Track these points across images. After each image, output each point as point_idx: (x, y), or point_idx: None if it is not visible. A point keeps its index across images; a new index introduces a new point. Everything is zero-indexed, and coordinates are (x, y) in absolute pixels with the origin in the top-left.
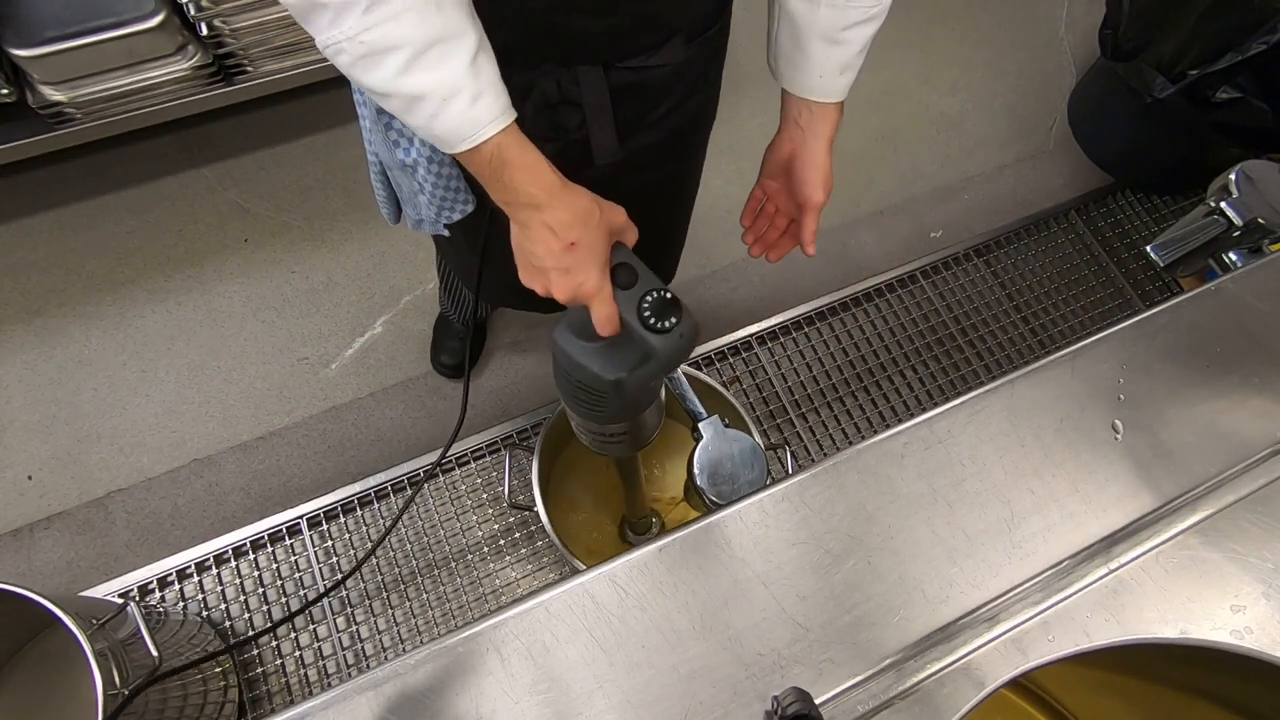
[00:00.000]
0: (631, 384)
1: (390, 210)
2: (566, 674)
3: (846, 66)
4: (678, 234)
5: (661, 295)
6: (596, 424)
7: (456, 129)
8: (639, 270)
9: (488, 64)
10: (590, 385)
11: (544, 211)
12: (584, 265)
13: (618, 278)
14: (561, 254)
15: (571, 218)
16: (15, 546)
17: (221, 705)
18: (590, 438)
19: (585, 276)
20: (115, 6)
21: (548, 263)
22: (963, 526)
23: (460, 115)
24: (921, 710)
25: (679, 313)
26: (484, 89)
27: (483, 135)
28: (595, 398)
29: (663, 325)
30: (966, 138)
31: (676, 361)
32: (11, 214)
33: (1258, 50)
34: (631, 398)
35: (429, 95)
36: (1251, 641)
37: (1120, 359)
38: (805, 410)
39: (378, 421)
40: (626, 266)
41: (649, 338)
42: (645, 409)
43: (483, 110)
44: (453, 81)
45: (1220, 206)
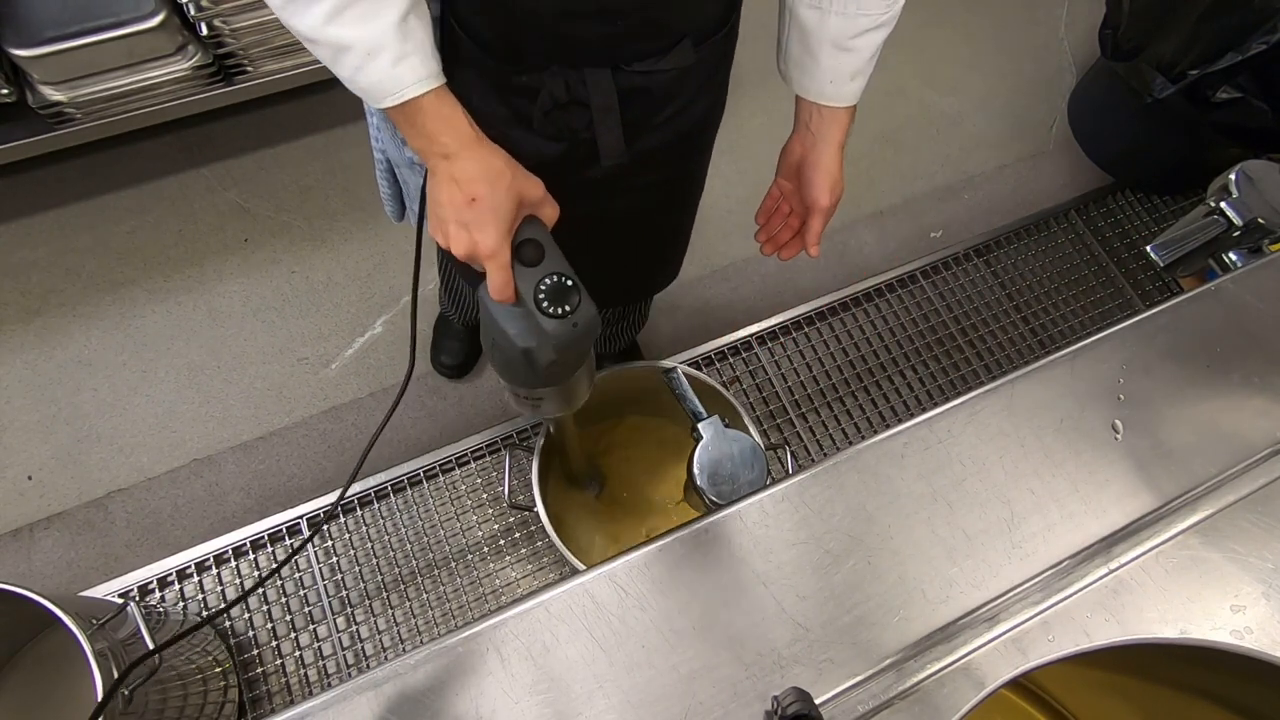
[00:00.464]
0: (540, 354)
1: (394, 208)
2: (566, 674)
3: (857, 72)
4: (681, 234)
5: (561, 280)
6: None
7: (379, 84)
8: (548, 250)
9: (419, 27)
10: (503, 347)
11: (452, 162)
12: (482, 224)
13: (522, 253)
14: (462, 207)
15: (478, 173)
16: (15, 546)
17: (221, 705)
18: (517, 400)
19: (482, 236)
20: (115, 6)
21: (448, 214)
22: (963, 526)
23: (383, 73)
24: (921, 710)
25: (576, 301)
26: (410, 51)
27: (405, 95)
28: (508, 360)
29: (556, 311)
30: (966, 138)
31: (571, 349)
32: (11, 214)
33: (1258, 50)
34: (543, 367)
35: (353, 48)
36: (1251, 641)
37: (1120, 359)
38: (805, 410)
39: (377, 421)
40: (534, 243)
41: (541, 320)
42: (567, 377)
43: (406, 71)
44: (378, 38)
45: (1220, 206)
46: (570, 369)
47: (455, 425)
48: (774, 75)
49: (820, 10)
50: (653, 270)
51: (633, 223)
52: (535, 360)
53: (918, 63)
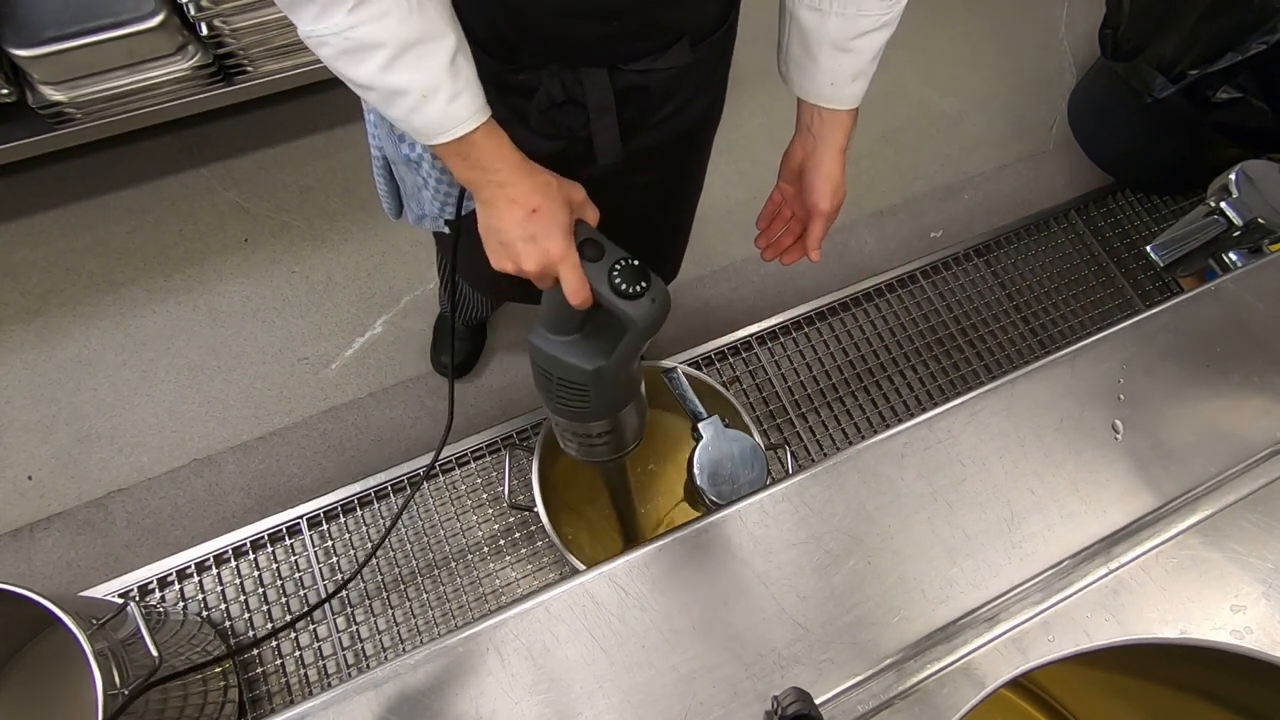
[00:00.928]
0: (611, 369)
1: (392, 205)
2: (566, 674)
3: (858, 74)
4: (680, 233)
5: (630, 262)
6: (580, 423)
7: (435, 123)
8: (604, 244)
9: (466, 65)
10: (570, 379)
11: (507, 187)
12: (548, 232)
13: (585, 251)
14: (525, 221)
15: (532, 187)
16: (15, 546)
17: (221, 705)
18: (576, 442)
19: (550, 243)
20: (115, 6)
21: (514, 233)
22: (963, 526)
23: (439, 112)
24: (921, 710)
25: (649, 278)
26: (461, 89)
27: (459, 131)
28: (577, 392)
29: (634, 290)
30: (966, 138)
31: (653, 327)
32: (11, 214)
33: (1258, 50)
34: (612, 385)
35: (409, 91)
36: (1251, 641)
37: (1120, 359)
38: (805, 410)
39: (378, 421)
40: (592, 241)
41: (622, 305)
42: (627, 404)
43: (460, 108)
44: (432, 81)
45: (1220, 206)
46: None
47: (455, 425)
48: (774, 75)
49: (820, 11)
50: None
51: (631, 221)
52: (605, 377)
53: (918, 63)
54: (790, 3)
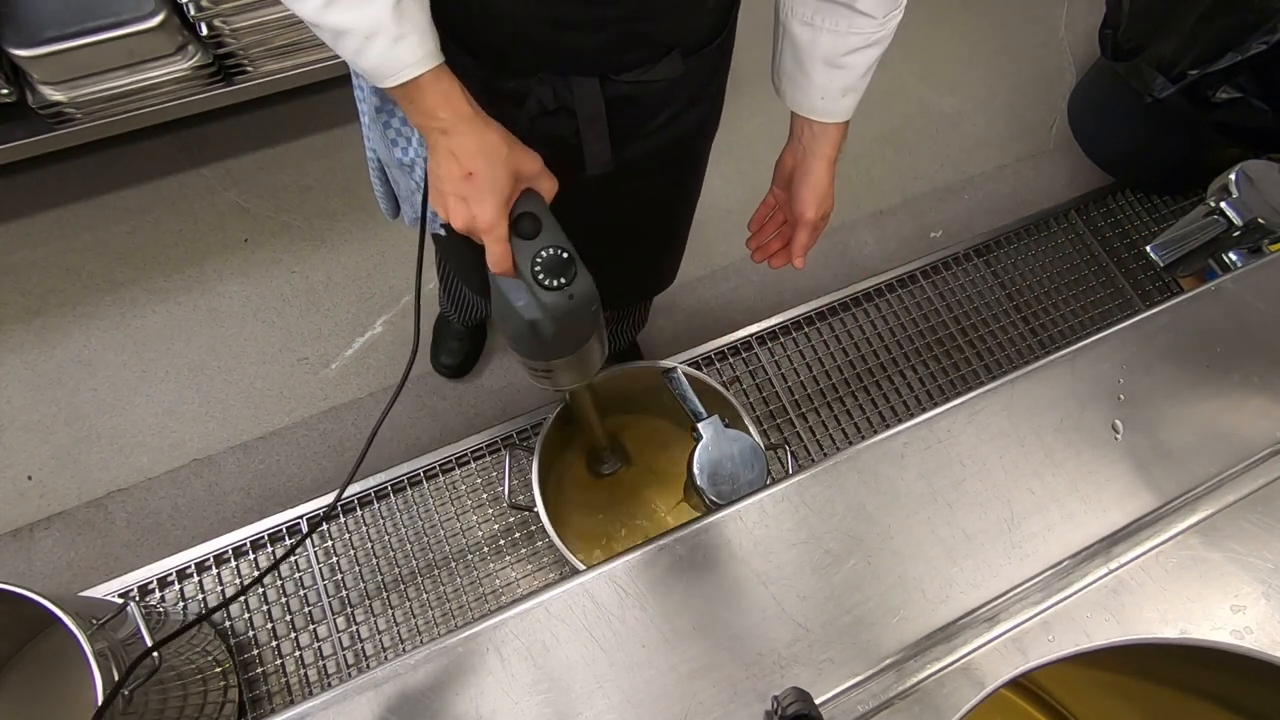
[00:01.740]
0: (544, 327)
1: (389, 206)
2: (566, 674)
3: (849, 89)
4: (676, 240)
5: (557, 253)
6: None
7: (379, 66)
8: (545, 223)
9: (415, 8)
10: (511, 321)
11: (451, 137)
12: (480, 197)
13: (520, 226)
14: (460, 181)
15: (475, 148)
16: (15, 546)
17: (221, 705)
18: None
19: (479, 210)
20: (115, 6)
21: (446, 187)
22: (963, 526)
23: (381, 54)
24: (921, 710)
25: (572, 274)
26: (407, 32)
27: (404, 75)
28: (517, 333)
29: (552, 283)
30: (966, 138)
31: (567, 321)
32: (11, 214)
33: (1258, 50)
34: (551, 339)
35: (352, 31)
36: (1251, 641)
37: (1120, 359)
38: (805, 410)
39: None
40: (531, 216)
41: (539, 293)
42: (577, 348)
43: (404, 52)
44: (374, 21)
45: (1220, 206)
46: (578, 340)
47: (455, 425)
48: None
49: (813, 28)
50: (646, 276)
51: (624, 229)
52: (541, 332)
53: (918, 63)
54: (784, 17)
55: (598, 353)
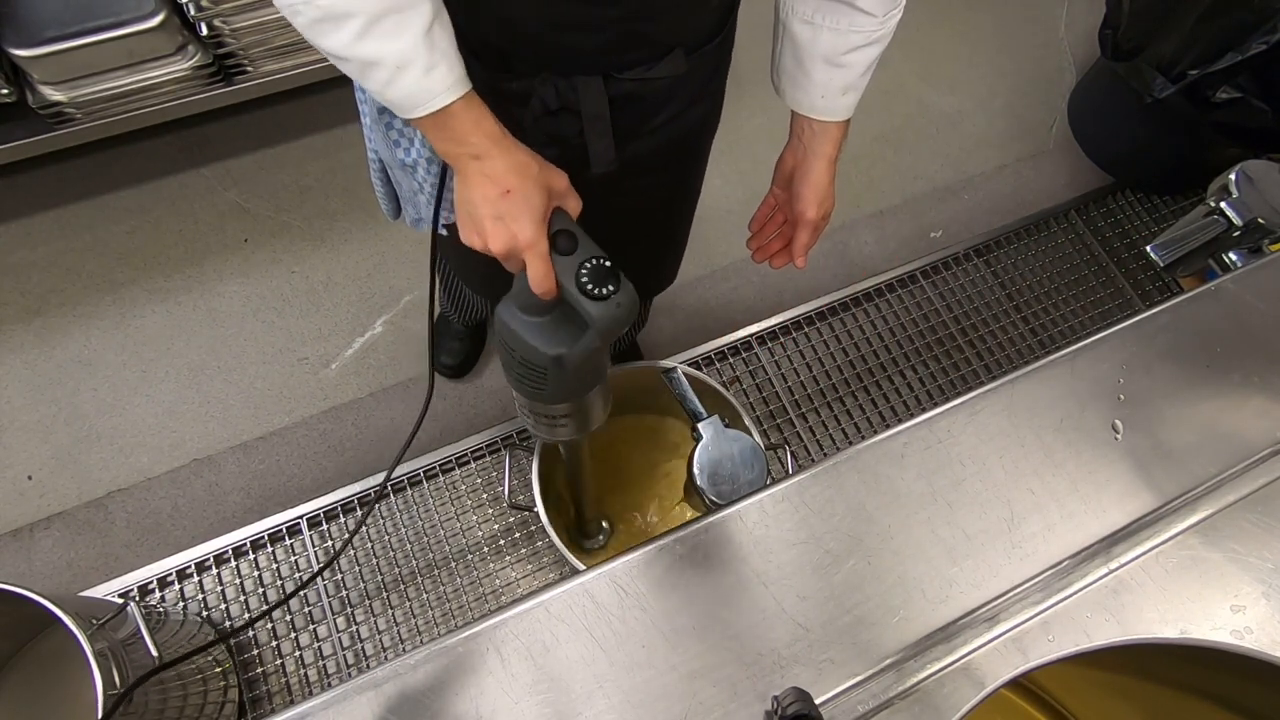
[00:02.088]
0: (571, 360)
1: (390, 206)
2: (566, 674)
3: (849, 87)
4: (677, 239)
5: (600, 263)
6: (541, 404)
7: (410, 96)
8: (580, 238)
9: (443, 36)
10: (531, 361)
11: (483, 161)
12: (519, 215)
13: (558, 243)
14: (498, 200)
15: (509, 167)
16: (15, 546)
17: (221, 705)
18: (535, 420)
19: (520, 227)
20: (115, 6)
21: (484, 210)
22: (963, 526)
23: (414, 84)
24: (921, 710)
25: (617, 282)
26: (437, 61)
27: (436, 105)
28: (536, 374)
29: (600, 292)
30: (966, 138)
31: (614, 331)
32: (11, 214)
33: (1258, 50)
34: (572, 374)
35: (383, 63)
36: (1251, 641)
37: (1120, 359)
38: (805, 410)
39: (378, 421)
40: (567, 233)
41: (585, 304)
42: (589, 390)
43: (436, 81)
44: (407, 52)
45: (1220, 206)
46: (596, 376)
47: (455, 425)
48: None
49: (813, 26)
50: (647, 275)
51: (625, 228)
52: (565, 366)
53: (918, 62)
54: (784, 15)
55: (603, 402)
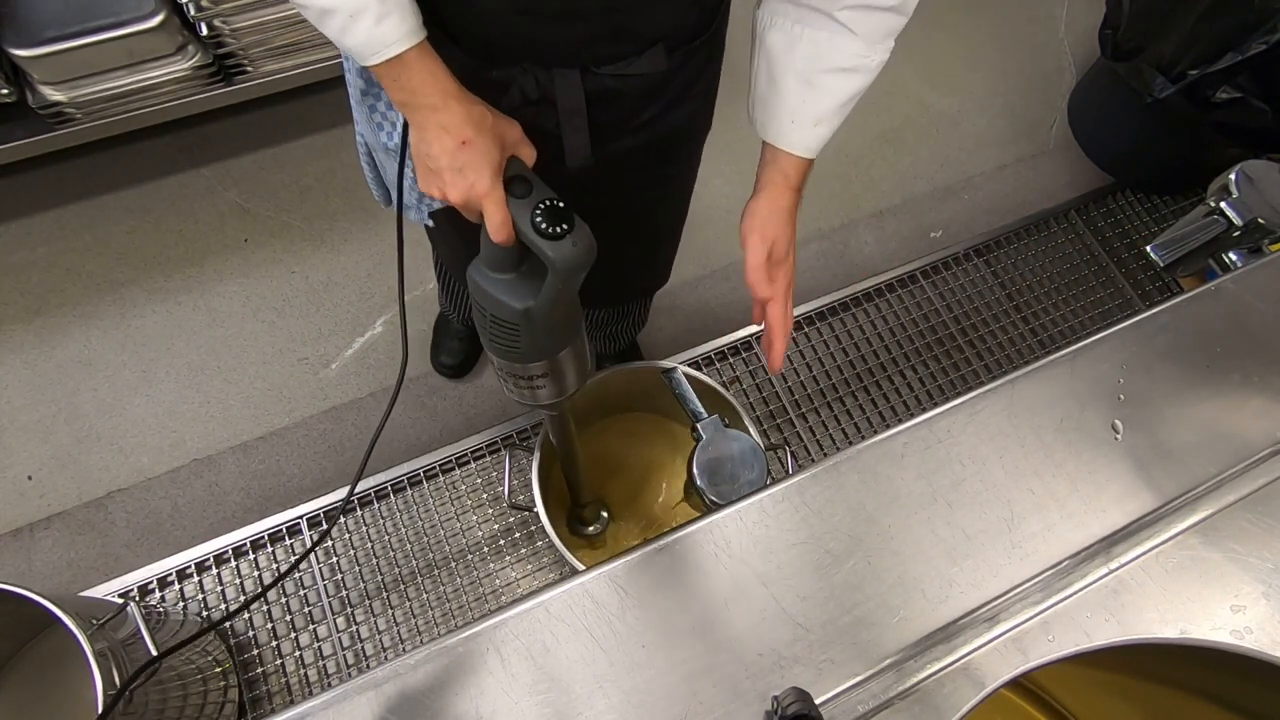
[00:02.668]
0: (539, 310)
1: (380, 192)
2: (566, 674)
3: (822, 119)
4: (663, 243)
5: (554, 204)
6: (518, 364)
7: (364, 44)
8: (534, 182)
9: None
10: (501, 318)
11: (439, 112)
12: (476, 165)
13: (513, 188)
14: (455, 151)
15: (464, 118)
16: (15, 546)
17: (221, 705)
18: (515, 385)
19: (477, 176)
20: (115, 6)
21: (442, 161)
22: (963, 526)
23: (366, 32)
24: (921, 710)
25: (571, 222)
26: (390, 10)
27: (389, 53)
28: (508, 331)
29: (555, 230)
30: (966, 138)
31: (574, 272)
32: (11, 214)
33: (1258, 50)
34: (542, 327)
35: (336, 10)
36: (1251, 641)
37: (1120, 359)
38: (805, 410)
39: (378, 421)
40: (521, 178)
41: (542, 245)
42: (562, 348)
43: (388, 29)
44: (358, 1)
45: (1220, 206)
46: (568, 327)
47: (455, 425)
48: None
49: (789, 36)
50: (637, 274)
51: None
52: (535, 318)
53: (918, 63)
54: (761, 29)
55: (581, 361)
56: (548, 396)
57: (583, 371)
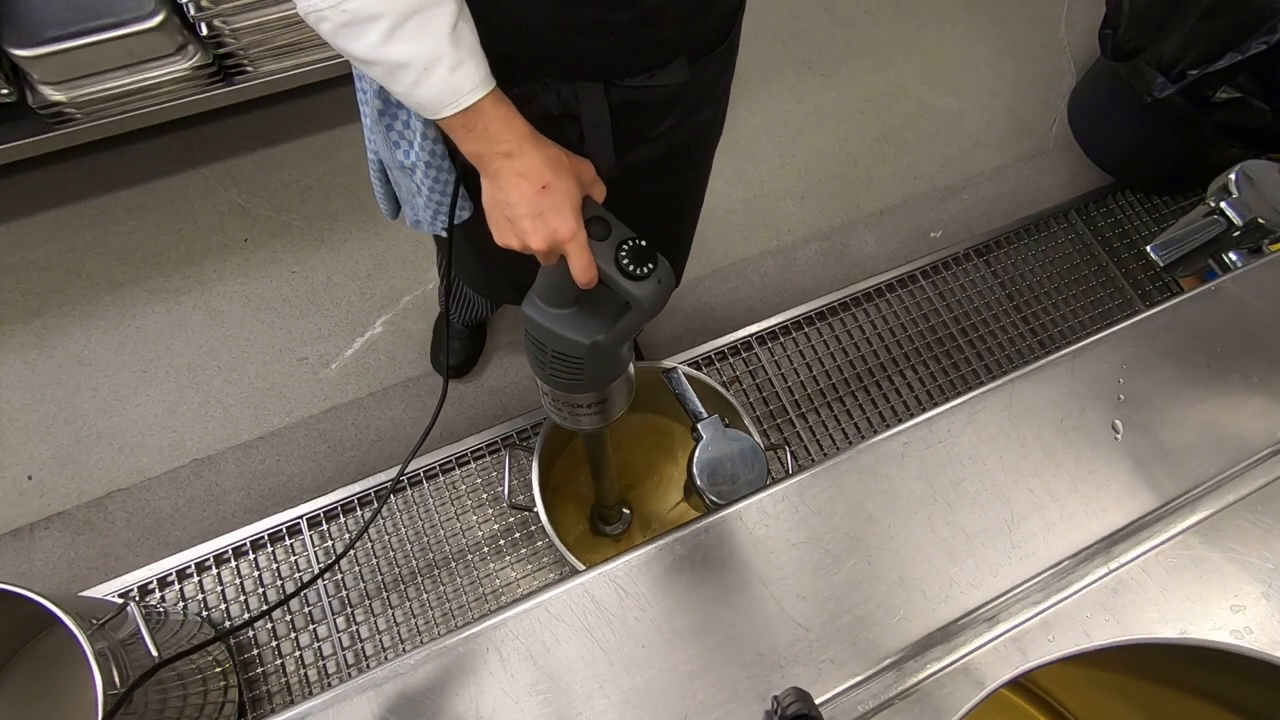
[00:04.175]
0: (608, 344)
1: (389, 206)
2: (566, 674)
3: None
4: (680, 246)
5: (637, 243)
6: (569, 394)
7: (439, 96)
8: (612, 222)
9: (468, 31)
10: (566, 352)
11: (516, 159)
12: (558, 209)
13: (592, 229)
14: (536, 197)
15: (543, 162)
16: (15, 546)
17: (221, 705)
18: (561, 412)
19: (560, 220)
20: (115, 6)
21: (522, 209)
22: (963, 526)
23: (441, 83)
24: (921, 710)
25: (655, 259)
26: (464, 58)
27: (464, 102)
28: (572, 365)
29: (640, 271)
30: (966, 138)
31: (656, 308)
32: (11, 214)
33: (1258, 50)
34: (608, 360)
35: (411, 64)
36: (1251, 641)
37: (1120, 359)
38: (805, 410)
39: (378, 421)
40: (599, 219)
41: (628, 285)
42: (618, 377)
43: (463, 78)
44: (433, 50)
45: (1220, 206)
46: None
47: (455, 425)
48: (774, 75)
49: None
50: None
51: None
52: (603, 352)
53: (918, 62)
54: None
55: (628, 389)
56: (592, 424)
57: (629, 397)
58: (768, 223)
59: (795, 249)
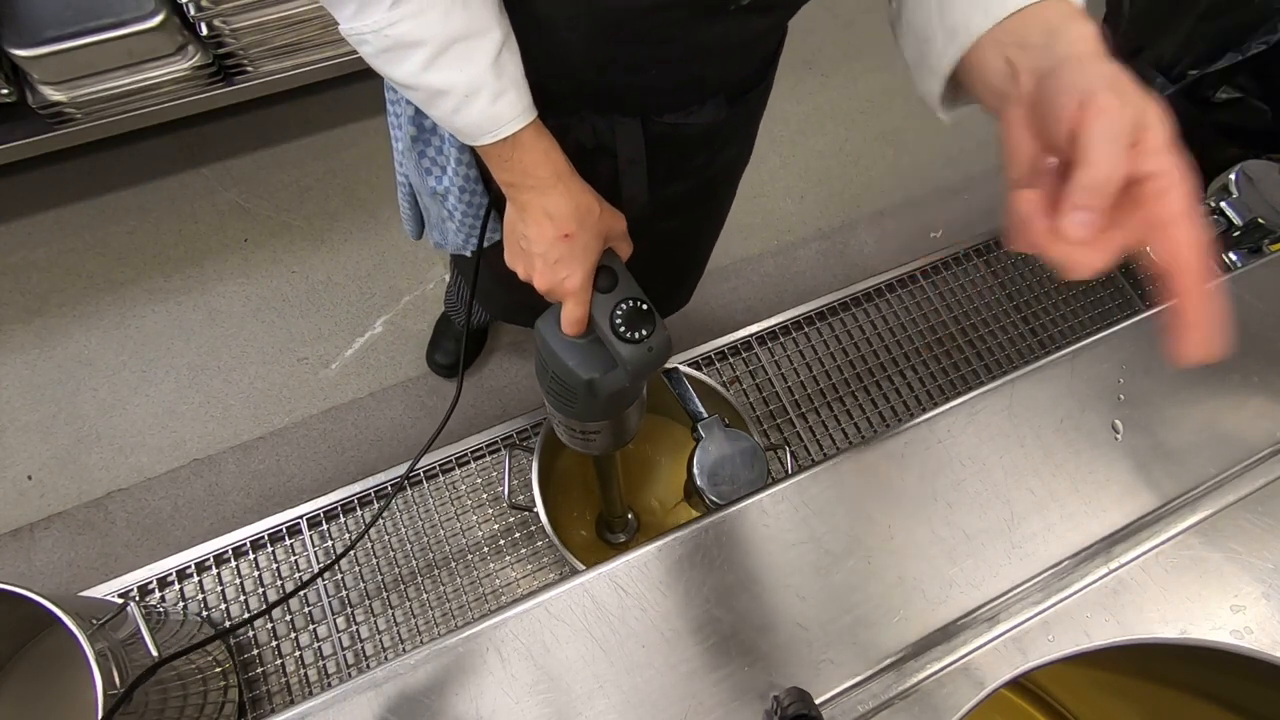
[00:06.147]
0: (604, 385)
1: (414, 228)
2: (566, 674)
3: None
4: (699, 266)
5: (636, 305)
6: (574, 420)
7: (478, 124)
8: (620, 277)
9: (511, 62)
10: (564, 380)
11: (545, 196)
12: (572, 261)
13: (598, 280)
14: (554, 242)
15: (572, 209)
16: (15, 546)
17: (221, 705)
18: (568, 434)
19: (570, 272)
20: (115, 6)
21: (537, 249)
22: (963, 526)
23: (481, 112)
24: (921, 710)
25: (652, 326)
26: (506, 87)
27: (504, 132)
28: (568, 393)
29: (633, 336)
30: (967, 137)
31: (643, 374)
32: (11, 214)
33: (1258, 50)
34: (604, 398)
35: (451, 91)
36: (1251, 641)
37: (1120, 359)
38: (805, 410)
39: (378, 421)
40: (609, 270)
41: (617, 345)
42: (622, 410)
43: (504, 108)
44: (475, 80)
45: (1220, 206)
46: (629, 399)
47: (455, 425)
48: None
49: None
50: (666, 298)
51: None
52: (597, 391)
53: None
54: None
55: (638, 417)
56: (599, 449)
57: (637, 425)
58: (768, 222)
59: (795, 249)
